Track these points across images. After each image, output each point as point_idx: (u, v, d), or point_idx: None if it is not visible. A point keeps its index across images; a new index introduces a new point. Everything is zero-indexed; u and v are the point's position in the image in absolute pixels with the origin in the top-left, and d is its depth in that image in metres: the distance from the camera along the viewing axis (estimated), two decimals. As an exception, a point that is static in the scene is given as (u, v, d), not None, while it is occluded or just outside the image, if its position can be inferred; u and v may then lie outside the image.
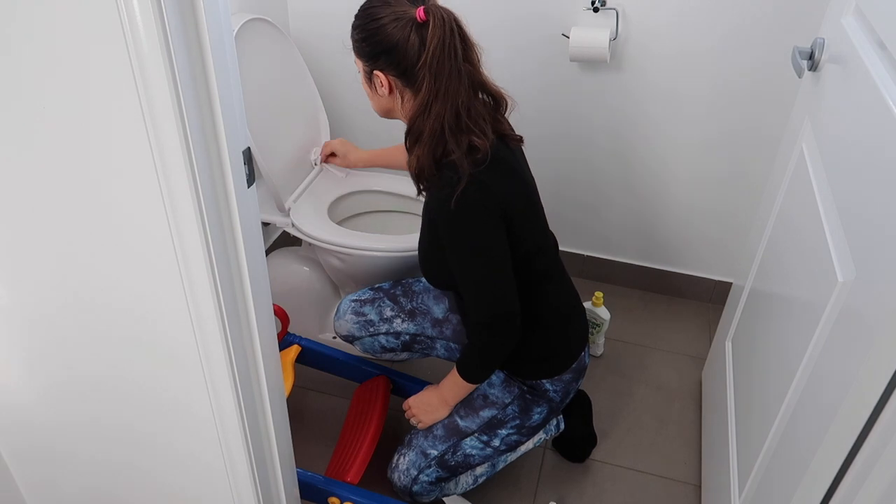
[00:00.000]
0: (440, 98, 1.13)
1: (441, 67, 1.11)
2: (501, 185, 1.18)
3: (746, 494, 1.15)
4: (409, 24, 1.12)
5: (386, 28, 1.13)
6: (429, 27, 1.10)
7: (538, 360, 1.34)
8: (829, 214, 0.98)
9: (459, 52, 1.13)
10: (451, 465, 1.36)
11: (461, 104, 1.14)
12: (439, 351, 1.53)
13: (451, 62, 1.12)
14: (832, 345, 0.87)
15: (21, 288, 0.94)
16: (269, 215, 1.71)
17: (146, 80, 0.69)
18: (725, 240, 2.01)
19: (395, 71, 1.17)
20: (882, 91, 0.85)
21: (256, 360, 0.97)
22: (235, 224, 0.83)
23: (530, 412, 1.37)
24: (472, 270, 1.20)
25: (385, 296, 1.53)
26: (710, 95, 1.77)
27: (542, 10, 1.77)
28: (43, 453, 1.17)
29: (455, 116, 1.14)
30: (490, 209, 1.16)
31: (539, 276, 1.29)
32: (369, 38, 1.16)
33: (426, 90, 1.13)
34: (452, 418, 1.37)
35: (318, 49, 2.02)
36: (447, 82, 1.12)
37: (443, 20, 1.11)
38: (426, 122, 1.15)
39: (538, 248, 1.29)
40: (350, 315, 1.53)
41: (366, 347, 1.55)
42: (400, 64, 1.15)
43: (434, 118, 1.14)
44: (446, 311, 1.49)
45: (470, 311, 1.24)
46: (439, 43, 1.10)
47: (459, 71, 1.13)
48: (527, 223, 1.25)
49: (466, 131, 1.15)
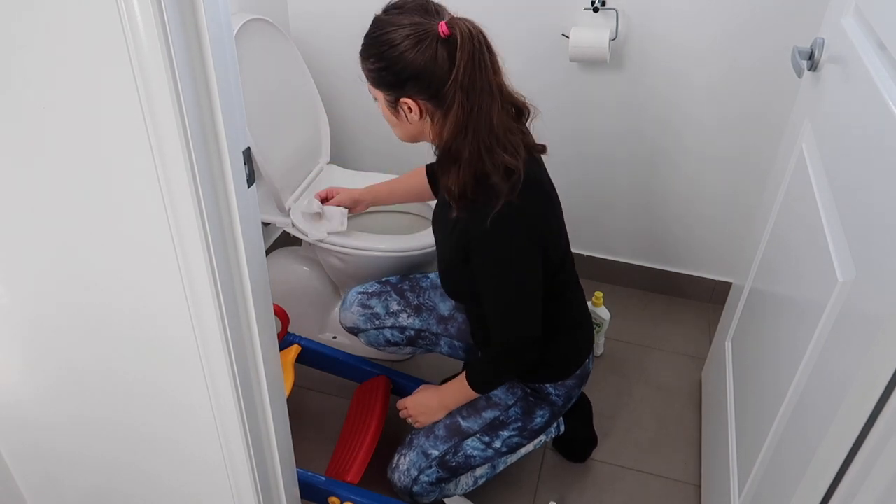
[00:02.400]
0: (475, 116, 1.07)
1: (473, 84, 1.06)
2: (537, 207, 1.16)
3: (746, 494, 1.15)
4: (433, 42, 1.05)
5: (409, 52, 1.06)
6: (456, 43, 1.04)
7: (544, 365, 1.34)
8: (829, 214, 0.98)
9: (489, 65, 1.07)
10: (452, 466, 1.36)
11: (495, 120, 1.09)
12: (443, 348, 1.53)
13: (483, 77, 1.07)
14: (832, 345, 0.87)
15: (21, 288, 0.94)
16: (269, 215, 1.71)
17: (146, 79, 0.69)
18: (725, 240, 2.01)
19: (426, 94, 1.10)
20: (882, 91, 0.85)
21: (256, 360, 0.97)
22: (235, 224, 0.83)
23: (533, 414, 1.36)
24: (503, 293, 1.19)
25: (392, 290, 1.53)
26: (710, 96, 1.77)
27: (542, 10, 1.77)
28: (42, 452, 1.17)
29: (490, 134, 1.09)
30: (528, 235, 1.14)
31: (558, 289, 1.28)
32: (391, 66, 1.08)
33: (459, 109, 1.06)
34: (454, 419, 1.37)
35: (318, 49, 2.02)
36: (480, 99, 1.07)
37: (470, 34, 1.05)
38: (464, 142, 1.09)
39: (561, 263, 1.29)
40: (356, 307, 1.52)
41: (370, 340, 1.55)
42: (431, 86, 1.08)
43: (472, 138, 1.08)
44: (452, 309, 1.49)
45: (494, 331, 1.23)
46: (470, 59, 1.04)
47: (491, 85, 1.08)
48: (555, 241, 1.24)
49: (501, 150, 1.10)
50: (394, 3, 1.12)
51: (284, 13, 1.99)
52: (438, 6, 1.11)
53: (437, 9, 1.10)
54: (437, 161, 1.17)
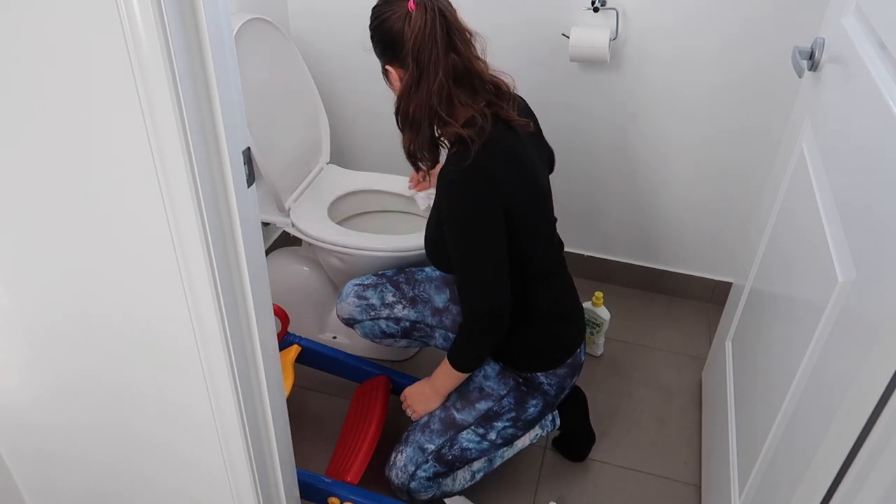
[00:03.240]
0: (421, 83, 1.17)
1: (421, 53, 1.15)
2: (503, 173, 1.19)
3: (746, 494, 1.15)
4: (403, 16, 1.16)
5: (386, 23, 1.18)
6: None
7: (532, 353, 1.36)
8: (829, 214, 0.98)
9: (440, 40, 1.15)
10: (449, 460, 1.37)
11: (437, 92, 1.17)
12: (437, 340, 1.53)
13: (432, 49, 1.15)
14: (832, 345, 0.87)
15: (21, 289, 0.94)
16: (269, 215, 1.71)
17: (146, 80, 0.69)
18: (725, 240, 2.01)
19: (397, 62, 1.21)
20: (882, 91, 0.85)
21: (256, 360, 0.97)
22: (235, 224, 0.83)
23: (526, 404, 1.37)
24: (466, 256, 1.22)
25: (388, 282, 1.54)
26: (710, 95, 1.77)
27: (542, 10, 1.77)
28: (43, 455, 1.17)
29: (436, 103, 1.18)
30: (486, 196, 1.18)
31: (539, 273, 1.31)
32: (374, 35, 1.22)
33: (409, 75, 1.18)
34: (449, 411, 1.38)
35: (318, 49, 2.02)
36: (427, 68, 1.16)
37: (425, 9, 1.14)
38: (409, 105, 1.20)
39: (541, 244, 1.31)
40: (352, 298, 1.54)
41: (366, 331, 1.56)
42: (398, 55, 1.19)
43: (417, 103, 1.19)
44: (447, 301, 1.50)
45: (460, 297, 1.27)
46: (420, 29, 1.14)
47: (438, 59, 1.16)
48: (529, 216, 1.26)
49: (449, 121, 1.19)
50: None
51: (284, 13, 1.99)
52: None
53: None
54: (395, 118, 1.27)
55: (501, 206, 1.19)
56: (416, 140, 1.24)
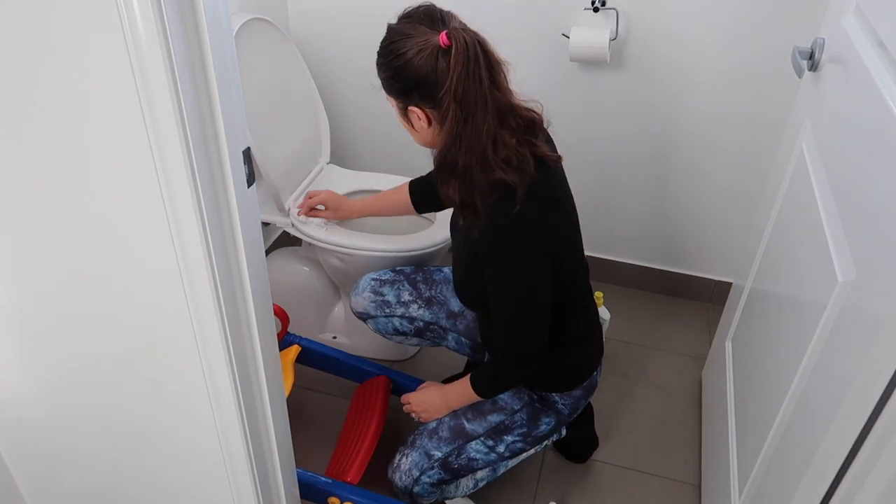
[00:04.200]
0: (469, 127, 1.08)
1: (466, 95, 1.06)
2: (544, 216, 1.15)
3: (746, 494, 1.15)
4: (434, 52, 1.07)
5: (412, 62, 1.08)
6: (451, 52, 1.05)
7: (551, 375, 1.34)
8: (829, 214, 0.98)
9: (485, 78, 1.07)
10: (454, 468, 1.36)
11: (487, 135, 1.09)
12: (450, 342, 1.53)
13: (476, 90, 1.07)
14: (832, 345, 0.87)
15: (20, 287, 0.94)
16: (269, 215, 1.71)
17: (146, 80, 0.69)
18: (726, 240, 2.01)
19: (430, 103, 1.12)
20: (882, 91, 0.85)
21: (256, 360, 0.97)
22: (235, 224, 0.83)
23: (538, 421, 1.36)
24: (509, 301, 1.19)
25: (405, 279, 1.52)
26: (710, 95, 1.77)
27: (542, 10, 1.77)
28: (41, 452, 1.17)
29: (483, 148, 1.10)
30: (534, 244, 1.15)
31: (569, 302, 1.29)
32: (397, 74, 1.11)
33: (453, 119, 1.08)
34: (459, 420, 1.36)
35: (318, 49, 2.02)
36: (474, 110, 1.07)
37: (465, 44, 1.05)
38: (458, 153, 1.10)
39: (574, 276, 1.28)
40: (368, 293, 1.52)
41: (379, 327, 1.54)
42: (433, 96, 1.09)
43: (466, 149, 1.10)
44: (463, 306, 1.49)
45: (498, 339, 1.24)
46: (463, 69, 1.05)
47: (485, 99, 1.08)
48: (569, 256, 1.24)
49: (496, 165, 1.11)
50: (405, 12, 1.13)
51: (284, 13, 1.99)
52: (445, 14, 1.11)
53: (444, 17, 1.11)
54: (435, 169, 1.18)
55: (548, 252, 1.16)
56: (465, 188, 1.13)
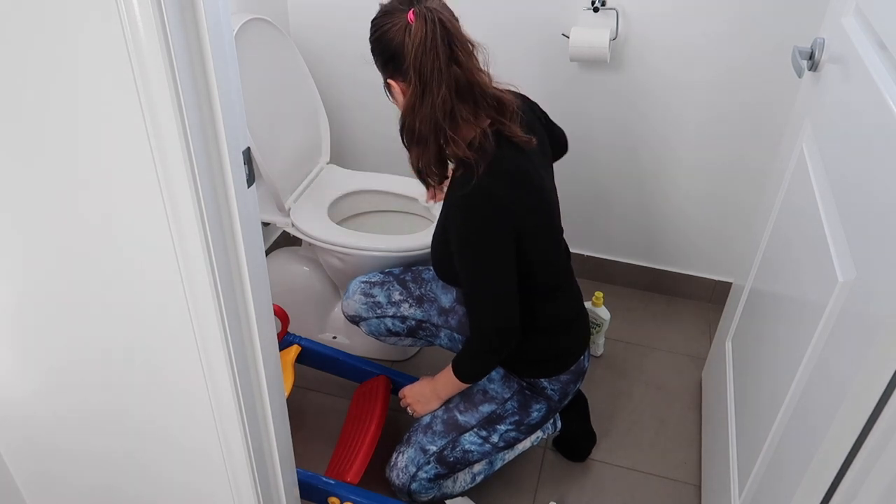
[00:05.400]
0: (425, 98, 1.13)
1: (422, 67, 1.11)
2: (509, 196, 1.17)
3: (746, 494, 1.15)
4: (402, 28, 1.12)
5: (386, 35, 1.15)
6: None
7: (536, 361, 1.35)
8: (829, 214, 0.98)
9: (442, 52, 1.11)
10: (450, 462, 1.37)
11: (442, 106, 1.13)
12: (443, 340, 1.53)
13: (433, 62, 1.11)
14: (832, 345, 0.87)
15: (20, 287, 0.94)
16: (269, 215, 1.71)
17: (146, 80, 0.69)
18: (726, 240, 2.01)
19: (399, 76, 1.17)
20: (882, 91, 0.85)
21: (256, 361, 0.97)
22: (235, 224, 0.83)
23: (529, 409, 1.37)
24: (474, 278, 1.21)
25: (395, 280, 1.53)
26: (710, 95, 1.77)
27: (542, 10, 1.77)
28: (40, 450, 1.17)
29: (441, 119, 1.14)
30: (495, 220, 1.16)
31: (546, 286, 1.30)
32: (374, 48, 1.19)
33: (411, 90, 1.14)
34: (452, 413, 1.37)
35: (318, 49, 2.02)
36: (430, 82, 1.12)
37: (425, 19, 1.10)
38: (415, 121, 1.15)
39: (548, 259, 1.29)
40: (359, 295, 1.53)
41: (371, 329, 1.55)
42: (399, 68, 1.15)
43: (421, 119, 1.14)
44: (453, 302, 1.49)
45: (469, 315, 1.25)
46: (421, 42, 1.10)
47: (441, 72, 1.11)
48: (538, 234, 1.24)
49: (451, 141, 1.15)
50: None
51: (284, 13, 1.99)
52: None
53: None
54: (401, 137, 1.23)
55: (509, 228, 1.17)
56: (423, 156, 1.20)
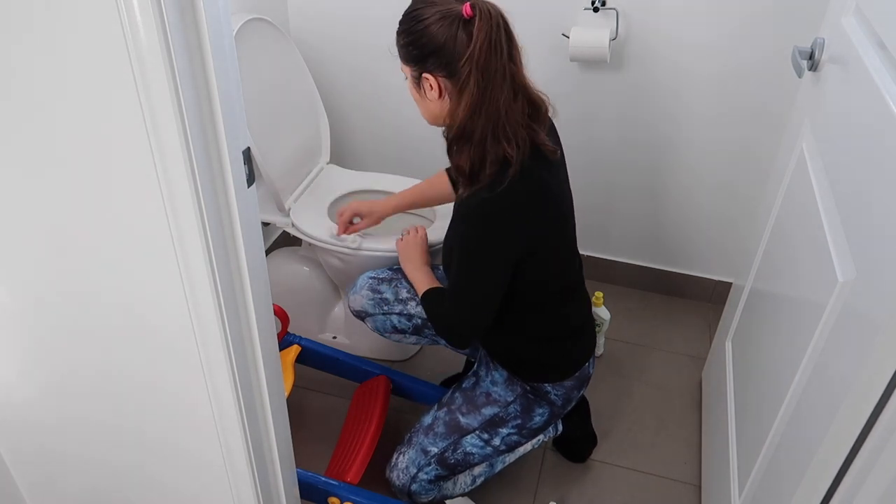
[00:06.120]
0: (488, 96, 1.10)
1: (487, 64, 1.09)
2: (532, 206, 1.16)
3: (746, 494, 1.15)
4: (455, 21, 1.09)
5: (432, 27, 1.10)
6: (475, 22, 1.08)
7: (541, 366, 1.34)
8: (829, 214, 0.98)
9: (505, 49, 1.10)
10: (451, 464, 1.36)
11: (503, 107, 1.11)
12: None
13: (497, 59, 1.09)
14: (832, 345, 0.87)
15: (20, 288, 0.94)
16: (269, 215, 1.71)
17: (146, 80, 0.69)
18: (726, 240, 2.01)
19: (445, 72, 1.13)
20: (882, 91, 0.85)
21: (256, 360, 0.97)
22: (235, 224, 0.83)
23: (532, 412, 1.37)
24: (470, 275, 1.22)
25: (403, 277, 1.52)
26: (710, 95, 1.77)
27: (542, 10, 1.77)
28: (43, 454, 1.17)
29: (498, 119, 1.11)
30: (511, 231, 1.16)
31: (556, 295, 1.29)
32: (416, 40, 1.13)
33: (474, 87, 1.10)
34: (454, 415, 1.37)
35: (318, 49, 2.02)
36: (493, 80, 1.09)
37: (489, 14, 1.08)
38: (477, 122, 1.11)
39: (560, 270, 1.29)
40: (366, 291, 1.52)
41: (377, 325, 1.54)
42: (449, 64, 1.11)
43: (484, 118, 1.11)
44: None
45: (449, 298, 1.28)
46: (486, 38, 1.07)
47: (504, 69, 1.10)
48: (553, 245, 1.24)
49: (504, 138, 1.12)
50: None
51: (284, 13, 1.99)
52: None
53: None
54: (450, 141, 1.20)
55: (521, 240, 1.17)
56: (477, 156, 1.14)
